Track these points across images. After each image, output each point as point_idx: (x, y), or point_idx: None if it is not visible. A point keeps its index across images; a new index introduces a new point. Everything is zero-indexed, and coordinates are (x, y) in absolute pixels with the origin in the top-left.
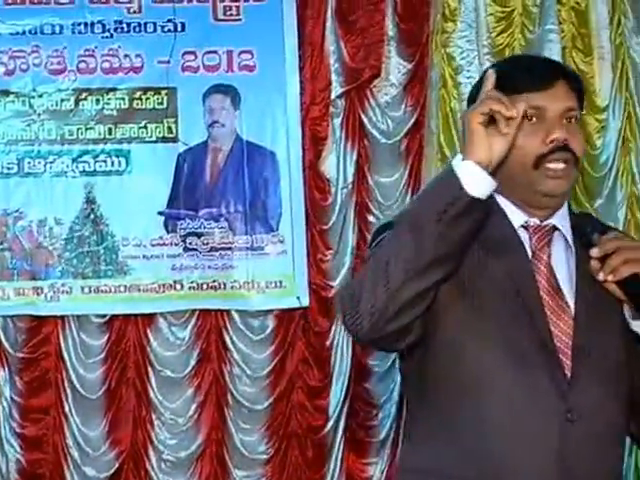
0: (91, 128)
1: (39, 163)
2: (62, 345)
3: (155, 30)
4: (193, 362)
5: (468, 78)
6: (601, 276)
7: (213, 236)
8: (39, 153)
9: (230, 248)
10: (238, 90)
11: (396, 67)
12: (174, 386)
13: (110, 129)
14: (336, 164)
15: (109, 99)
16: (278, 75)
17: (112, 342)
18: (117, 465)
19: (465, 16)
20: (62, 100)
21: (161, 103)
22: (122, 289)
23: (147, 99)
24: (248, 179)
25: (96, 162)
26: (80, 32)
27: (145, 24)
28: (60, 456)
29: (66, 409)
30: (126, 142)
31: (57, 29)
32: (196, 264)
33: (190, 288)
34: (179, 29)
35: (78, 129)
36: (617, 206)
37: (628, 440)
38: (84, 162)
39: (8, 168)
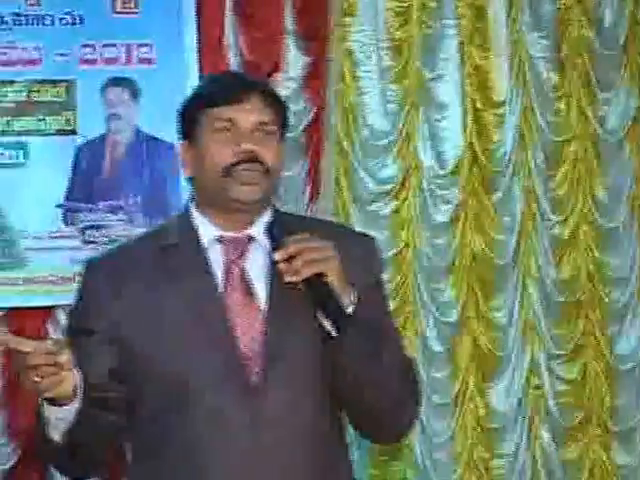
0: None
1: None
2: None
3: (54, 23)
4: None
5: (367, 72)
6: (287, 278)
7: (112, 229)
8: None
9: None
10: (137, 83)
11: (295, 61)
12: None
13: (8, 122)
14: None
15: (6, 92)
16: (177, 68)
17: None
18: (16, 458)
19: (364, 10)
20: None
21: (59, 96)
22: (20, 282)
23: (45, 92)
24: (147, 172)
25: None
26: None
27: (44, 16)
28: None
29: None
30: (24, 135)
31: None
32: None
33: None
34: (78, 22)
35: None
36: (514, 200)
37: None
38: None
39: None
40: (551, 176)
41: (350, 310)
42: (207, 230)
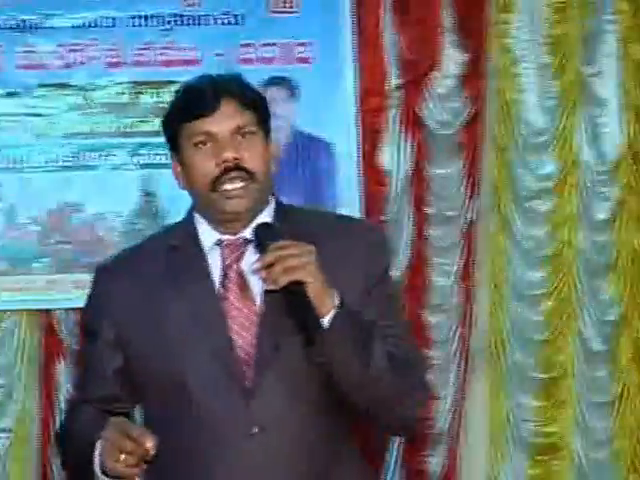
0: (148, 121)
1: (96, 156)
2: None
3: (212, 23)
4: None
5: (525, 69)
6: (265, 286)
7: None
8: (96, 146)
9: None
10: (295, 82)
11: (452, 58)
12: None
13: None
14: (392, 156)
15: (166, 92)
16: (334, 67)
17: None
18: None
19: (522, 6)
20: (119, 93)
21: None
22: None
23: None
24: (305, 171)
25: (153, 155)
26: (136, 25)
27: (202, 17)
28: None
29: None
30: None
31: (114, 22)
32: None
33: None
34: (236, 21)
35: (135, 122)
36: None
37: None
38: (141, 155)
39: (65, 161)
40: None
41: (326, 322)
42: (207, 234)
